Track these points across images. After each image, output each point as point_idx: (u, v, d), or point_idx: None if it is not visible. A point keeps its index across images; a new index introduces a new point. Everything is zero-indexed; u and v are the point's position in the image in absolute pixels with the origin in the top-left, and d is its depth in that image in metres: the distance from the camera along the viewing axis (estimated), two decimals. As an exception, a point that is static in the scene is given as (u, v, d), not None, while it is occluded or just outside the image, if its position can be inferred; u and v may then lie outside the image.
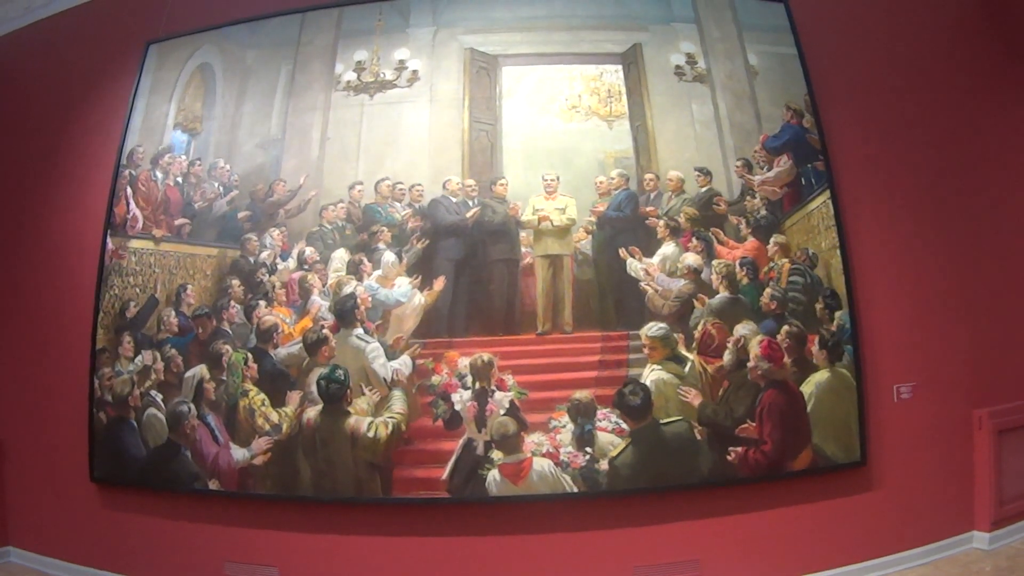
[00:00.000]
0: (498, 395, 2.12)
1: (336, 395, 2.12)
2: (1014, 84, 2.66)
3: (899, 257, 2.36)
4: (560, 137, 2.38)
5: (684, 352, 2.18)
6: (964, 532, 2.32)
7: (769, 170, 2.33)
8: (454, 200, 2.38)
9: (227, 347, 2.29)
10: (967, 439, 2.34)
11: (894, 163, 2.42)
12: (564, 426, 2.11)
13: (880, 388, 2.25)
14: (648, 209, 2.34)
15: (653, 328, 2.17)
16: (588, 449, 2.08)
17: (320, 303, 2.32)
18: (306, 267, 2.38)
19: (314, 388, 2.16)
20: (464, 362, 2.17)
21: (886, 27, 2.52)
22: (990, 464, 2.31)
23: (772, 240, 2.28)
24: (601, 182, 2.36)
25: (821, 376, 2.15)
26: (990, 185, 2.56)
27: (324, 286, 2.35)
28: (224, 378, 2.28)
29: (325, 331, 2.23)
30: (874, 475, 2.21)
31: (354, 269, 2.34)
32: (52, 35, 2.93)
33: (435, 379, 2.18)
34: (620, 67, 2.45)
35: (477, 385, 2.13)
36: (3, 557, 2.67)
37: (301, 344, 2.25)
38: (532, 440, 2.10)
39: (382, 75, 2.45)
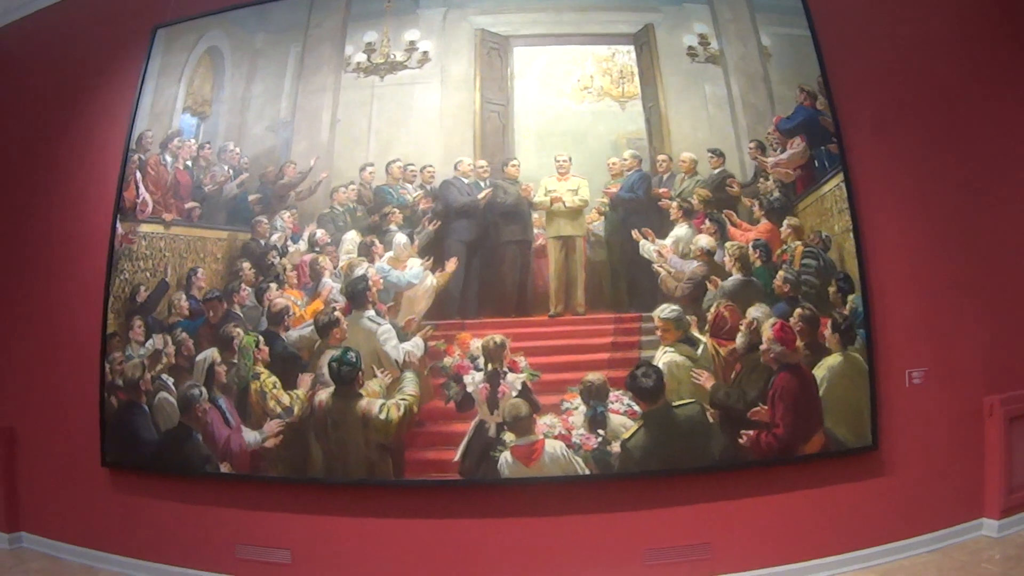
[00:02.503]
0: (510, 377, 2.12)
1: (348, 377, 2.12)
2: (1031, 65, 2.63)
3: (913, 241, 2.35)
4: (572, 118, 2.36)
5: (697, 334, 2.17)
6: (973, 519, 2.32)
7: (782, 152, 2.31)
8: (466, 181, 2.37)
9: (238, 330, 2.29)
10: (978, 426, 2.33)
11: (908, 146, 2.40)
12: (576, 408, 2.11)
13: (892, 373, 2.24)
14: (661, 191, 2.33)
15: (666, 310, 2.17)
16: (600, 431, 2.08)
17: (331, 285, 2.32)
18: (317, 249, 2.38)
19: (326, 370, 2.16)
20: (476, 344, 2.16)
21: (900, 7, 2.49)
22: (1001, 451, 2.30)
23: (785, 222, 2.26)
24: (614, 163, 2.34)
25: (834, 360, 2.15)
26: (1006, 169, 2.53)
27: (335, 268, 2.34)
28: (235, 361, 2.28)
29: (337, 313, 2.23)
30: (885, 460, 2.21)
31: (365, 251, 2.33)
32: (60, 20, 2.92)
33: (447, 361, 2.18)
34: (632, 48, 2.42)
35: (489, 367, 2.13)
36: (16, 542, 2.68)
37: (312, 326, 2.25)
38: (544, 422, 2.10)
39: (392, 56, 2.44)
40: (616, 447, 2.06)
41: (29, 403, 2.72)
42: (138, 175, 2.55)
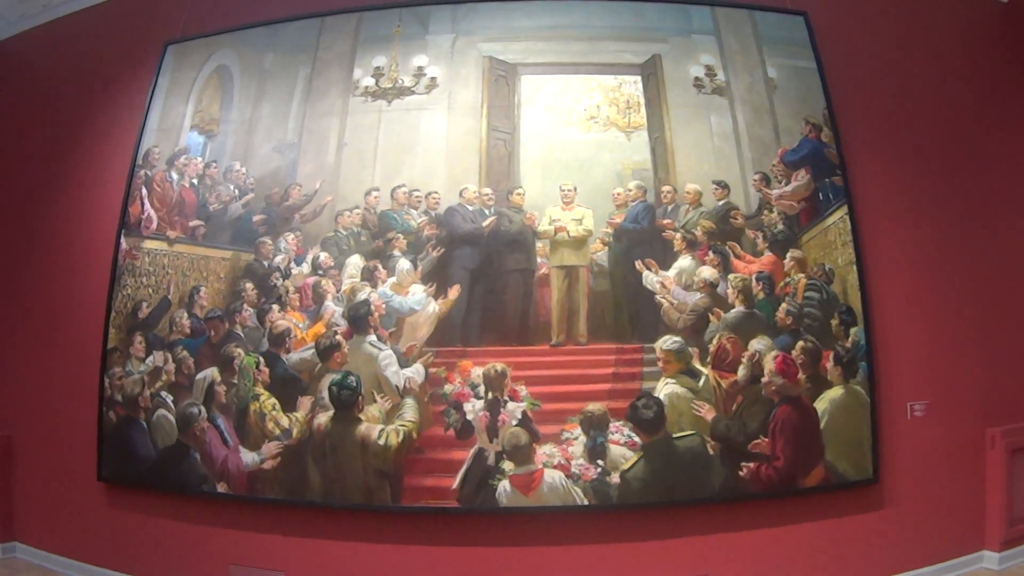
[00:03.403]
0: (510, 405, 2.11)
1: (347, 401, 2.12)
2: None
3: (915, 274, 2.35)
4: (578, 147, 2.38)
5: (698, 366, 2.17)
6: (974, 552, 2.32)
7: (787, 184, 2.32)
8: (470, 208, 2.38)
9: (239, 350, 2.29)
10: (979, 458, 2.33)
11: (912, 179, 2.42)
12: (576, 438, 2.10)
13: (894, 406, 2.24)
14: (665, 222, 2.34)
15: (668, 341, 2.17)
16: (600, 462, 2.07)
17: (334, 309, 2.32)
18: (320, 272, 2.38)
19: (325, 394, 2.16)
20: (477, 372, 2.16)
21: (906, 41, 2.51)
22: (1002, 483, 2.30)
23: (789, 255, 2.27)
24: (618, 193, 2.35)
25: (835, 392, 2.15)
26: (1009, 202, 2.54)
27: (338, 292, 2.34)
28: (235, 381, 2.27)
29: (338, 337, 2.23)
30: (886, 493, 2.20)
31: (368, 275, 2.34)
32: (70, 33, 2.94)
33: (447, 388, 2.17)
34: (639, 78, 2.44)
35: (490, 395, 2.13)
36: (9, 552, 2.67)
37: (313, 349, 2.25)
38: (544, 451, 2.09)
39: (400, 81, 2.45)
40: (615, 478, 2.05)
41: (28, 413, 2.71)
42: (144, 191, 2.56)
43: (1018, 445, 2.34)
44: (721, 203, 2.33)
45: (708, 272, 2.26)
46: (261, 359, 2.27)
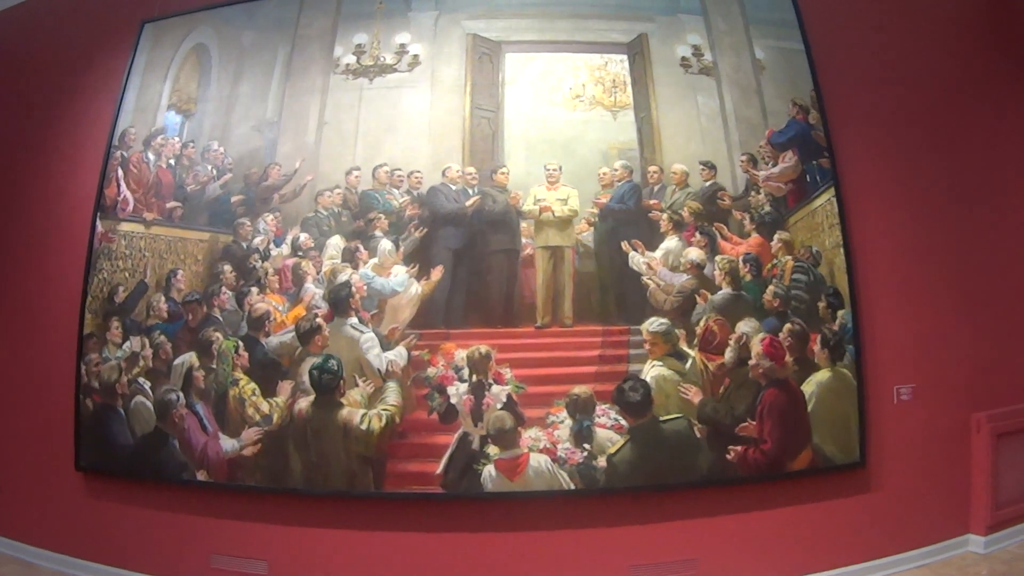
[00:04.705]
0: (495, 389, 2.08)
1: (329, 386, 2.08)
2: (1021, 82, 2.64)
3: (902, 257, 2.34)
4: (563, 126, 2.34)
5: (685, 348, 2.15)
6: (960, 535, 2.32)
7: (774, 166, 2.31)
8: (454, 188, 2.35)
9: (217, 334, 2.24)
10: (965, 442, 2.33)
11: (899, 162, 2.40)
12: (562, 421, 2.08)
13: (881, 389, 2.23)
14: (652, 202, 2.31)
15: (654, 323, 2.14)
16: (586, 445, 2.05)
17: (314, 291, 2.28)
18: (300, 253, 2.34)
19: (306, 378, 2.12)
20: (461, 354, 2.13)
21: (893, 23, 2.50)
22: (987, 468, 2.30)
23: (776, 237, 2.25)
24: (604, 173, 2.32)
25: (822, 375, 2.13)
26: (996, 186, 2.54)
27: (318, 273, 2.30)
28: (214, 366, 2.22)
29: (318, 320, 2.18)
30: (872, 476, 2.20)
31: (349, 257, 2.30)
32: (45, 13, 2.86)
33: (431, 371, 2.14)
34: (625, 57, 2.41)
35: (474, 378, 2.10)
36: (-14, 546, 2.62)
37: (294, 333, 2.21)
38: (529, 435, 2.07)
39: (382, 59, 2.40)
40: (602, 462, 2.03)
41: (2, 403, 2.64)
42: (120, 172, 2.49)
43: (1003, 430, 2.34)
44: (708, 184, 2.31)
45: (695, 253, 2.24)
46: (240, 343, 2.23)
